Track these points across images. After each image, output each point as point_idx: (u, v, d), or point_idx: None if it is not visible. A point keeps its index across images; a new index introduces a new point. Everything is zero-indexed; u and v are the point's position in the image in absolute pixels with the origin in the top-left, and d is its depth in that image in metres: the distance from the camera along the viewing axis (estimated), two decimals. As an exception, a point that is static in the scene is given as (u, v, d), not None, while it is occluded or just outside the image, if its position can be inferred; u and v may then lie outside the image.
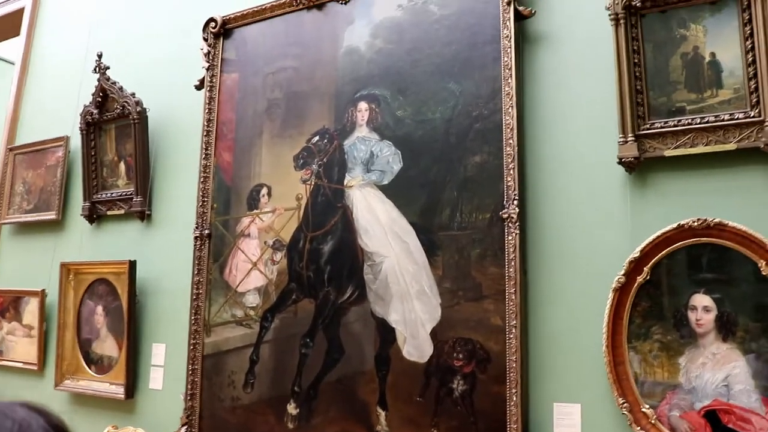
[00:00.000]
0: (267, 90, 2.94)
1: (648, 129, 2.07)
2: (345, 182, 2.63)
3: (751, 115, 1.94)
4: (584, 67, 2.28)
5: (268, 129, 2.90)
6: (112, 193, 3.40)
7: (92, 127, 3.46)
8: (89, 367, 3.29)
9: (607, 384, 2.03)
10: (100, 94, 3.40)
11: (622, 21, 2.09)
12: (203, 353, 2.86)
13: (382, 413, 2.39)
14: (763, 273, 1.85)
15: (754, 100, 1.93)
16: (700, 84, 2.02)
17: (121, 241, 3.35)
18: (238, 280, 2.85)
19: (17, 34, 4.33)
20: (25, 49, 4.22)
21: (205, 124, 3.05)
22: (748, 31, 1.93)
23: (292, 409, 2.60)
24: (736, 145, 1.95)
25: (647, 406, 1.97)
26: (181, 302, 3.01)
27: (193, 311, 2.90)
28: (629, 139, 2.08)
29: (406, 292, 2.42)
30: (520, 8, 2.34)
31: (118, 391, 3.11)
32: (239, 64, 3.06)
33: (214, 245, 2.95)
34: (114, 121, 3.39)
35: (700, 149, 2.00)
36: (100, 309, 3.29)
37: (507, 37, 2.33)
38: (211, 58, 3.10)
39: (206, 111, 3.06)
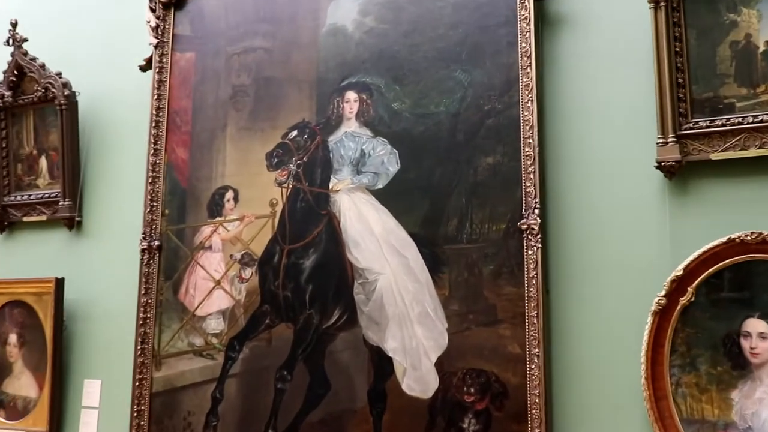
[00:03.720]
0: (231, 74, 2.88)
1: (691, 128, 2.09)
2: (330, 185, 2.60)
3: (812, 114, 1.98)
4: (616, 55, 2.28)
5: (234, 120, 2.85)
6: (29, 195, 3.29)
7: (2, 112, 3.33)
8: (-5, 412, 3.16)
9: (647, 422, 2.04)
10: (15, 72, 3.27)
11: (662, 3, 2.11)
12: (152, 390, 2.79)
13: (378, 459, 2.38)
14: (827, 294, 1.89)
15: (815, 97, 1.97)
16: (753, 77, 2.04)
17: (43, 253, 3.25)
18: (197, 301, 2.79)
19: None
20: None
21: (154, 112, 2.98)
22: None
23: (265, 456, 2.57)
24: (794, 149, 2.00)
25: (695, 449, 1.99)
26: (123, 329, 2.93)
27: (139, 339, 2.83)
28: (669, 139, 2.09)
29: (405, 315, 2.40)
30: (541, -15, 2.37)
31: (38, 440, 3.00)
32: (196, 42, 2.99)
33: (165, 259, 2.88)
34: (33, 106, 3.27)
35: (752, 152, 2.02)
36: (13, 338, 3.17)
37: (525, 18, 2.33)
38: (159, 32, 3.02)
39: (155, 97, 2.98)
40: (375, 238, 2.49)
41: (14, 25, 3.30)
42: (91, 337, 3.08)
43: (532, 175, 2.25)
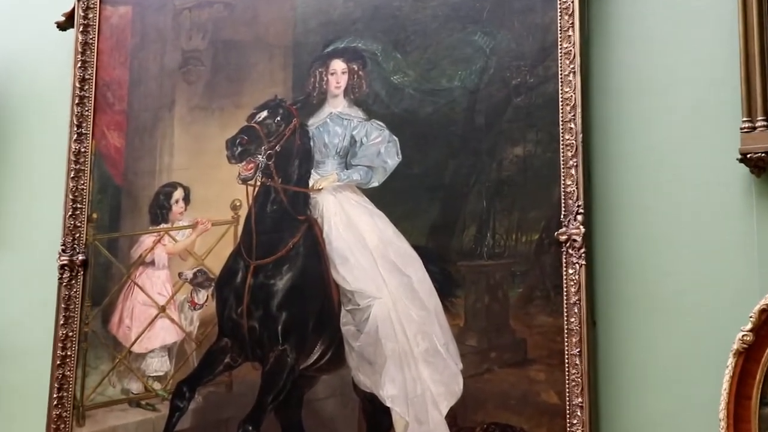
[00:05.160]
0: (181, 36, 2.87)
1: (788, 110, 2.07)
2: (310, 183, 2.59)
3: None
4: (687, 12, 2.25)
5: (184, 97, 2.83)
6: None
7: None
8: None
9: (727, 498, 2.01)
10: None
11: (749, -56, 2.09)
12: (72, 453, 2.77)
13: None
14: None
15: None
16: None
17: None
18: (135, 333, 2.78)
19: None
20: None
21: (77, 85, 2.95)
22: None
23: None
24: None
25: None
26: (34, 371, 2.91)
27: (56, 385, 2.80)
28: (758, 124, 2.05)
29: (407, 352, 2.38)
30: None
31: None
32: (133, -8, 2.97)
33: (92, 279, 2.87)
34: None
35: None
36: None
37: (566, -36, 2.32)
38: (85, -22, 2.99)
39: (78, 65, 2.96)
40: (368, 252, 2.48)
41: None
42: (-7, 380, 3.03)
43: (573, 171, 2.23)
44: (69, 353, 2.82)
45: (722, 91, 2.17)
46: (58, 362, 2.82)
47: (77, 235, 2.89)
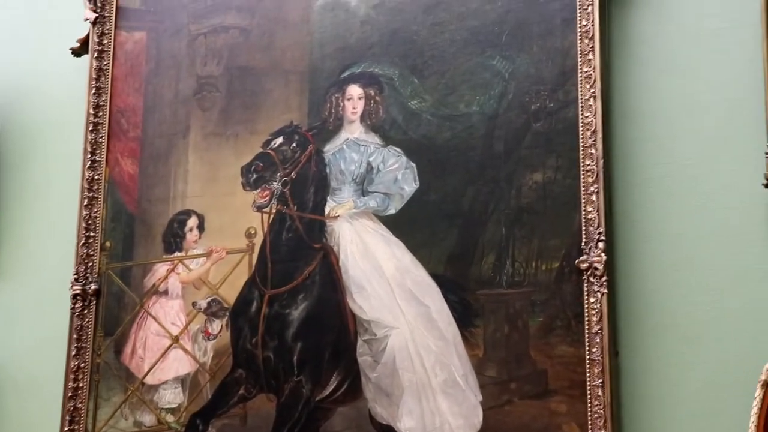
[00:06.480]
0: (196, 62, 2.88)
1: (814, 133, 2.06)
2: (326, 210, 2.59)
3: None
4: (709, 37, 2.25)
5: (199, 124, 2.84)
6: None
7: None
8: None
9: None
10: None
11: (773, -35, 2.09)
12: (86, 484, 2.77)
13: None
14: None
15: None
16: None
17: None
18: (148, 365, 2.77)
19: None
20: None
21: (91, 112, 2.97)
22: None
23: None
24: None
25: None
26: (46, 402, 2.91)
27: (68, 417, 2.80)
28: (784, 149, 2.05)
29: (425, 383, 2.37)
30: (608, -56, 2.34)
31: None
32: (148, 18, 3.00)
33: (105, 309, 2.87)
34: None
35: None
36: None
37: (587, -13, 2.32)
38: (99, 4, 3.01)
39: (92, 91, 2.98)
40: (385, 281, 2.47)
41: None
42: (2, 414, 3.04)
43: (594, 197, 2.23)
44: (81, 385, 2.82)
45: (745, 115, 2.16)
46: (70, 394, 2.82)
47: (90, 264, 2.89)
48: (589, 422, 2.14)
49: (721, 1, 2.26)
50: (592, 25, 2.29)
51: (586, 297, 2.20)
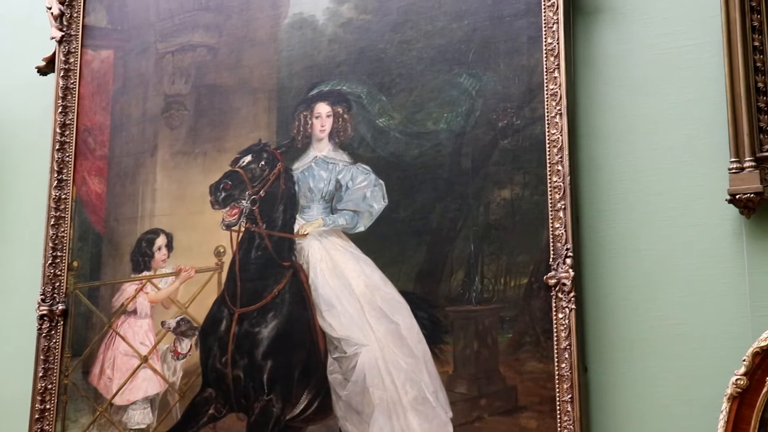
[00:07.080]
0: (164, 80, 2.88)
1: (775, 150, 2.08)
2: (295, 228, 2.58)
3: None
4: (673, 53, 2.27)
5: (167, 142, 2.83)
6: None
7: None
8: None
9: None
10: None
11: (733, -14, 2.10)
12: (53, 508, 2.75)
13: None
14: None
15: None
16: None
17: None
18: (116, 385, 2.75)
19: None
20: None
21: (58, 131, 2.96)
22: None
23: None
24: None
25: None
26: (10, 425, 2.89)
27: None
28: (746, 164, 2.06)
29: (395, 400, 2.37)
30: (571, -36, 2.36)
31: None
32: (115, 36, 2.99)
33: (73, 329, 2.85)
34: None
35: None
36: None
37: (552, 5, 2.32)
38: (65, 23, 3.01)
39: (59, 110, 2.97)
40: (355, 299, 2.47)
41: None
42: (-30, 435, 2.99)
43: (561, 214, 2.24)
44: (48, 406, 2.80)
45: (710, 132, 2.18)
46: (37, 416, 2.80)
47: (57, 284, 2.88)
48: (559, 438, 2.14)
49: (684, 20, 2.27)
50: (558, 43, 2.30)
51: (554, 313, 2.21)
